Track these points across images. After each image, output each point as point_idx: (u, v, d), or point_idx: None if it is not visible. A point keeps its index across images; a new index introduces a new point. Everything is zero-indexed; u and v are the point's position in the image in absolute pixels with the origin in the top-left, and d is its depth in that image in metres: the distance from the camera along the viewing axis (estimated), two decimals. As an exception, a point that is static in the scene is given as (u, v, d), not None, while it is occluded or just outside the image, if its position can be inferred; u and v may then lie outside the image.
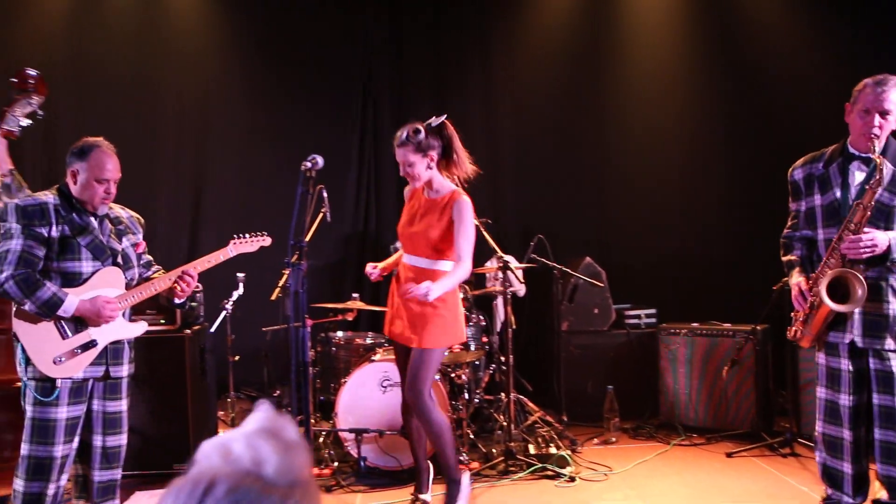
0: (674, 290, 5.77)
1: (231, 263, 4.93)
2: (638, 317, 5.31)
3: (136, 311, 4.17)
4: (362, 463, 4.02)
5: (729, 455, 4.35)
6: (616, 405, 4.72)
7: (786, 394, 4.77)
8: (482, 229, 4.28)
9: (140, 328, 3.17)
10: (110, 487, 3.11)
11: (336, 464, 4.15)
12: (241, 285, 4.60)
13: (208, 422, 4.50)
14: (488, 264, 5.03)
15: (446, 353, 4.36)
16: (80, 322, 2.92)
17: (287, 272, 4.31)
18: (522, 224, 5.98)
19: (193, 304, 4.38)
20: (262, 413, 0.87)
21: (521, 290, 5.08)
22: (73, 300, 2.87)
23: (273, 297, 4.43)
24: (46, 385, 2.87)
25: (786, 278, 4.11)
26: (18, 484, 2.87)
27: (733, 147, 5.98)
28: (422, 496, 3.63)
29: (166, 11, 5.97)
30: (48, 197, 2.95)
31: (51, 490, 2.88)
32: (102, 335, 2.98)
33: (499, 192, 6.09)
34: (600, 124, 6.09)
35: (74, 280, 2.93)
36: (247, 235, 3.42)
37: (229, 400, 4.81)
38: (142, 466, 4.12)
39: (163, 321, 4.18)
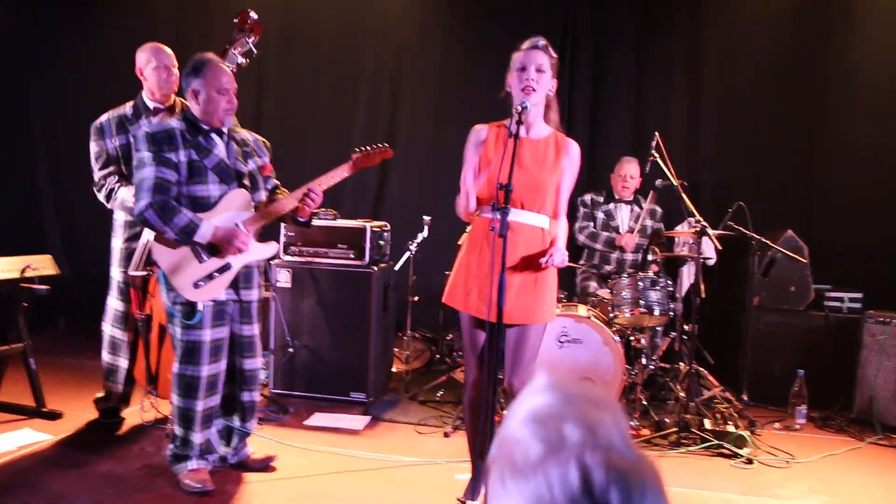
0: (885, 275, 5.19)
1: (419, 206, 5.08)
2: (840, 300, 4.85)
3: (330, 244, 4.38)
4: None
5: (938, 463, 3.91)
6: (805, 391, 4.38)
7: None
8: (681, 191, 4.06)
9: (270, 249, 3.16)
10: (250, 408, 3.26)
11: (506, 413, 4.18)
12: (426, 228, 4.69)
13: (386, 357, 4.69)
14: (679, 228, 4.78)
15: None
16: (214, 246, 2.95)
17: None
18: (720, 189, 5.61)
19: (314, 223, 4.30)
20: (556, 380, 0.77)
21: (712, 258, 4.79)
22: (209, 226, 2.89)
23: (460, 241, 4.46)
24: (188, 309, 2.95)
25: None
26: (174, 398, 3.06)
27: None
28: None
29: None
30: (174, 122, 2.96)
31: (199, 406, 3.02)
32: (236, 258, 3.01)
33: (697, 154, 5.72)
34: (820, 91, 5.51)
35: (204, 204, 2.93)
36: (368, 148, 3.30)
37: (405, 339, 4.97)
38: (321, 390, 4.39)
39: (352, 255, 4.36)
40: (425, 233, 4.69)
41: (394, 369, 4.96)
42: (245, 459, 3.33)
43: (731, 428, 4.03)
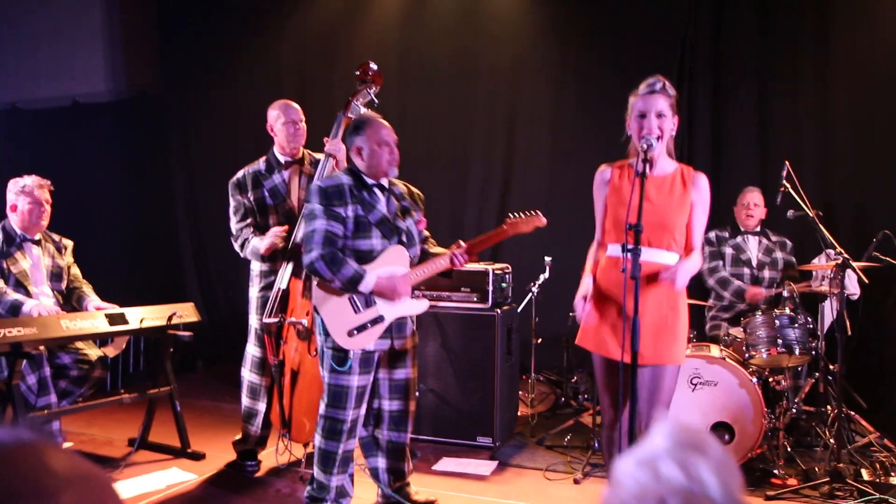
0: None
1: (540, 247, 5.06)
2: None
3: (453, 288, 4.42)
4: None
5: None
6: (978, 439, 3.95)
7: None
8: (818, 222, 3.84)
9: (423, 305, 3.27)
10: (399, 449, 3.33)
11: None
12: (547, 269, 4.65)
13: (511, 400, 4.64)
14: (815, 261, 4.51)
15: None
16: (369, 298, 3.08)
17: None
18: (860, 217, 5.24)
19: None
20: (673, 427, 0.79)
21: (855, 292, 4.47)
22: (372, 276, 3.03)
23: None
24: (340, 355, 3.08)
25: None
26: (317, 439, 3.17)
27: None
28: None
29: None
30: (343, 178, 3.12)
31: (340, 449, 3.12)
32: (389, 311, 3.12)
33: (831, 183, 5.35)
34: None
35: (366, 258, 3.07)
36: (522, 215, 3.33)
37: (529, 381, 4.91)
38: (448, 434, 4.39)
39: (475, 298, 4.38)
40: (547, 274, 4.65)
41: (518, 413, 4.90)
42: (406, 500, 3.40)
43: (894, 480, 3.69)
